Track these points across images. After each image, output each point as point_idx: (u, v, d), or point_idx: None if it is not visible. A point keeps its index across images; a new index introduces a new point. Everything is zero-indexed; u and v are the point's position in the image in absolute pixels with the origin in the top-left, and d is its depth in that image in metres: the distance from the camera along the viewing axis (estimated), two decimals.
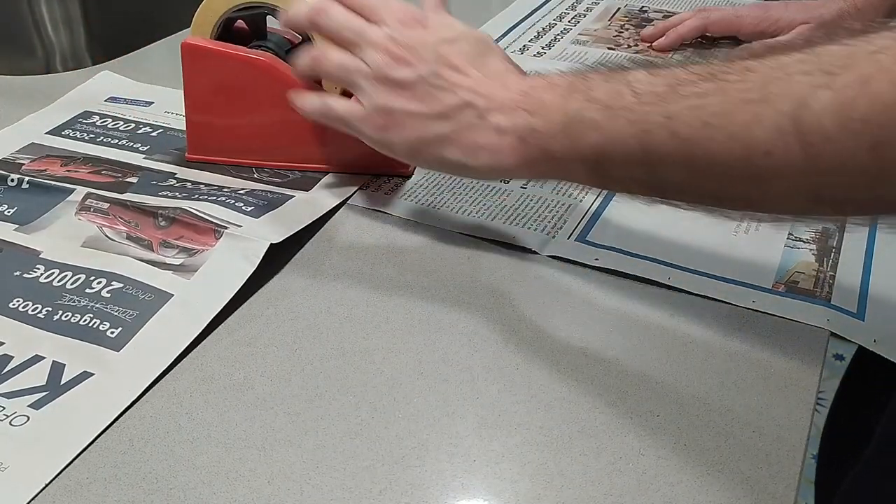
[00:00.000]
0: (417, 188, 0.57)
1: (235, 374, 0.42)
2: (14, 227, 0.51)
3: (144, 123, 0.65)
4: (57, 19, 0.74)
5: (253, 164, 0.58)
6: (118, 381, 0.41)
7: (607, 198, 0.56)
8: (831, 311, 0.46)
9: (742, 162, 0.35)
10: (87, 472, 0.36)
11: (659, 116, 0.38)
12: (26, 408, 0.39)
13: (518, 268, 0.49)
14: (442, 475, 0.36)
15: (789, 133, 0.33)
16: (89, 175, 0.57)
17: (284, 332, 0.45)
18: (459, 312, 0.46)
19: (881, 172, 0.32)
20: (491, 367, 0.42)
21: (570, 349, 0.43)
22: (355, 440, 0.38)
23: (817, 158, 0.33)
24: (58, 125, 0.65)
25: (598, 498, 0.35)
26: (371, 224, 0.53)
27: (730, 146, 0.36)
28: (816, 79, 0.33)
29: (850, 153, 0.32)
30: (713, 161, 0.36)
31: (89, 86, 0.72)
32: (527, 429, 0.39)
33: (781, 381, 0.41)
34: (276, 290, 0.48)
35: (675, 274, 0.48)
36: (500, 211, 0.54)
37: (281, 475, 0.36)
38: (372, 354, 0.43)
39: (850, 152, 0.32)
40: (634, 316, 0.46)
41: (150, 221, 0.51)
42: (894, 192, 0.33)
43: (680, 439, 0.38)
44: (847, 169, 0.32)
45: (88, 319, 0.44)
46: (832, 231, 0.53)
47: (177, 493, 0.35)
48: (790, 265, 0.49)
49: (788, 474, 0.36)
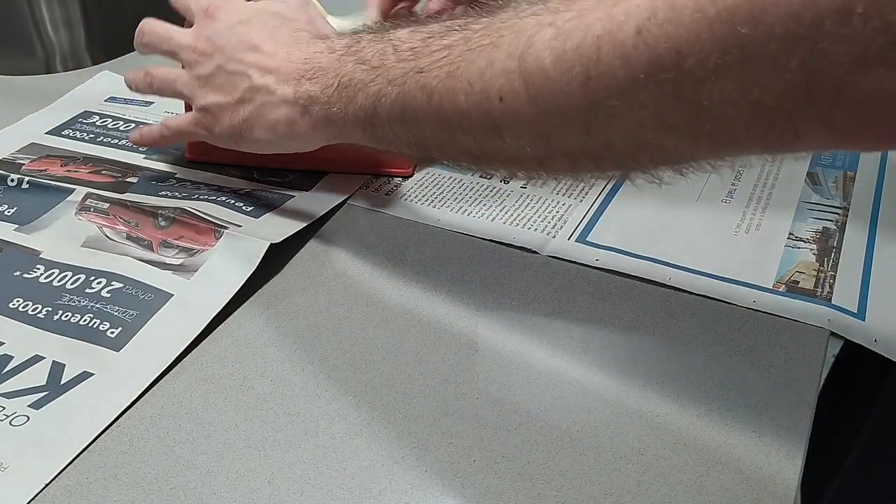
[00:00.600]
0: (417, 188, 0.57)
1: (235, 374, 0.42)
2: (14, 227, 0.51)
3: (144, 123, 0.65)
4: (57, 19, 0.74)
5: (253, 164, 0.58)
6: (118, 381, 0.41)
7: (607, 198, 0.56)
8: (832, 310, 0.46)
9: (481, 111, 0.35)
10: (87, 472, 0.36)
11: (413, 73, 0.38)
12: (26, 408, 0.39)
13: (518, 268, 0.49)
14: (442, 475, 0.36)
15: (515, 75, 0.33)
16: (89, 175, 0.57)
17: (284, 332, 0.45)
18: (459, 312, 0.46)
19: (593, 112, 0.31)
20: (491, 367, 0.42)
21: (570, 349, 0.43)
22: (355, 440, 0.38)
23: (539, 99, 0.33)
24: (58, 125, 0.65)
25: (598, 498, 0.35)
26: (371, 224, 0.53)
27: (470, 95, 0.35)
28: (544, 17, 0.32)
29: (566, 89, 0.31)
30: (459, 113, 0.36)
31: (89, 86, 0.72)
32: (527, 429, 0.39)
33: (781, 381, 0.41)
34: (276, 290, 0.48)
35: (675, 274, 0.48)
36: (501, 211, 0.54)
37: (281, 475, 0.36)
38: (372, 354, 0.43)
39: (565, 90, 0.31)
40: (634, 316, 0.46)
41: (150, 221, 0.51)
42: (616, 138, 0.32)
43: (680, 439, 0.38)
44: (564, 108, 0.32)
45: (88, 319, 0.44)
46: (833, 231, 0.53)
47: (177, 493, 0.35)
48: (790, 265, 0.49)
49: (788, 474, 0.36)
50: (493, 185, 0.57)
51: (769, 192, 0.57)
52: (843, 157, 0.62)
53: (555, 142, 0.34)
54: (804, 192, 0.57)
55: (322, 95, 0.44)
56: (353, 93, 0.42)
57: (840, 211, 0.55)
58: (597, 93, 0.31)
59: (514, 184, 0.57)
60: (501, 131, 0.35)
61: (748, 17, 0.26)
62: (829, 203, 0.56)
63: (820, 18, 0.25)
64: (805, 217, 0.54)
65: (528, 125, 0.34)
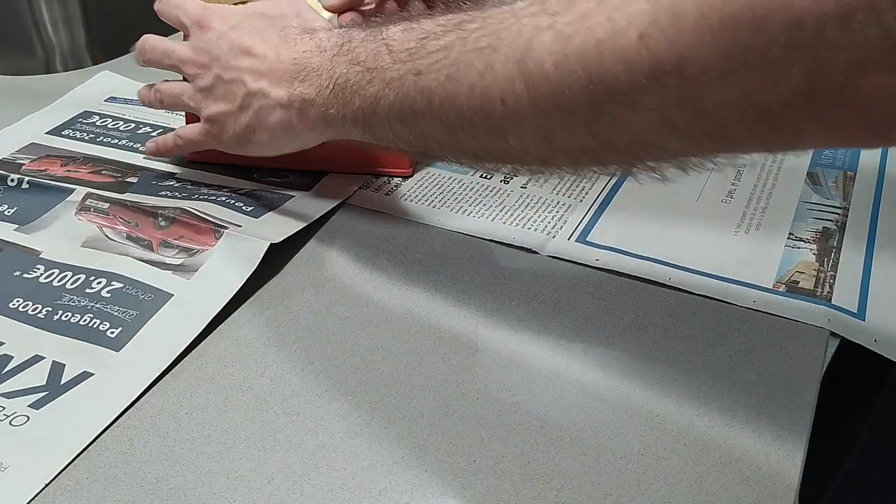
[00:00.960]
0: (417, 188, 0.57)
1: (235, 374, 0.42)
2: (14, 227, 0.51)
3: (144, 123, 0.65)
4: (56, 19, 0.74)
5: (252, 164, 0.58)
6: (118, 380, 0.41)
7: (607, 198, 0.56)
8: (832, 310, 0.46)
9: (483, 113, 0.35)
10: (87, 472, 0.36)
11: (410, 75, 0.38)
12: (26, 408, 0.39)
13: (518, 268, 0.49)
14: (442, 475, 0.36)
15: (517, 78, 0.33)
16: (89, 175, 0.57)
17: (284, 332, 0.45)
18: (459, 312, 0.46)
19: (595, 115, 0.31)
20: (491, 366, 0.42)
21: (570, 349, 0.43)
22: (355, 440, 0.38)
23: (540, 102, 0.33)
24: (58, 125, 0.65)
25: (598, 498, 0.35)
26: (371, 224, 0.53)
27: (471, 98, 0.35)
28: (542, 20, 0.32)
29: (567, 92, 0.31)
30: (461, 115, 0.36)
31: (89, 86, 0.72)
32: (527, 429, 0.39)
33: (781, 381, 0.41)
34: (276, 290, 0.48)
35: (675, 274, 0.48)
36: (501, 211, 0.54)
37: (281, 475, 0.36)
38: (372, 354, 0.43)
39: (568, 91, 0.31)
40: (634, 316, 0.46)
41: (150, 221, 0.51)
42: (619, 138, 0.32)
43: (680, 439, 0.38)
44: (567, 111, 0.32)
45: (88, 319, 0.44)
46: (833, 231, 0.53)
47: (177, 493, 0.35)
48: (790, 265, 0.49)
49: (788, 474, 0.36)
50: (492, 185, 0.57)
51: (769, 192, 0.57)
52: (843, 158, 0.62)
53: (557, 142, 0.34)
54: (804, 191, 0.57)
55: (318, 98, 0.44)
56: (350, 95, 0.42)
57: (840, 211, 0.55)
58: (599, 96, 0.31)
59: (514, 184, 0.57)
60: (504, 132, 0.35)
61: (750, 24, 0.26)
62: (829, 203, 0.56)
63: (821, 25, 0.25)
64: (805, 217, 0.54)
65: (530, 127, 0.34)
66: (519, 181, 0.57)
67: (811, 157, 0.62)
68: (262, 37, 0.47)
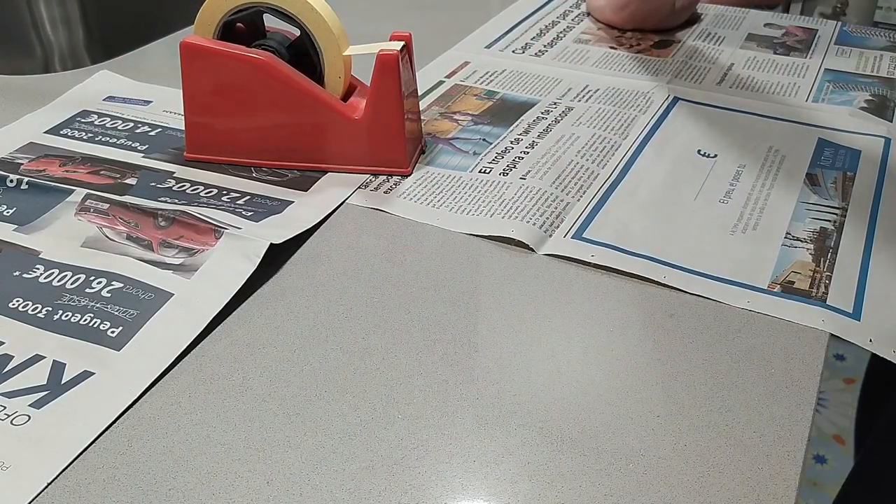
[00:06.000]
0: (417, 187, 0.57)
1: (235, 374, 0.42)
2: (13, 228, 0.51)
3: (143, 123, 0.65)
4: (55, 19, 0.74)
5: (252, 163, 0.58)
6: (118, 380, 0.41)
7: (605, 195, 0.56)
8: (827, 311, 0.46)
9: None
10: (86, 472, 0.36)
11: None
12: (27, 407, 0.39)
13: (517, 267, 0.49)
14: (441, 475, 0.36)
15: None
16: (88, 176, 0.57)
17: (284, 332, 0.45)
18: (459, 312, 0.46)
19: None
20: (490, 366, 0.42)
21: (569, 349, 0.43)
22: (355, 440, 0.38)
23: None
24: (56, 124, 0.64)
25: (598, 498, 0.35)
26: (370, 224, 0.54)
27: None
28: None
29: None
30: None
31: (88, 85, 0.71)
32: (527, 429, 0.39)
33: (781, 381, 0.41)
34: (275, 290, 0.48)
35: (670, 273, 0.48)
36: (499, 206, 0.54)
37: (281, 475, 0.36)
38: (372, 354, 0.43)
39: None
40: (634, 316, 0.46)
41: (150, 221, 0.51)
42: None
43: (680, 439, 0.38)
44: None
45: (89, 319, 0.44)
46: (830, 231, 0.53)
47: (176, 493, 0.35)
48: (786, 265, 0.49)
49: (788, 474, 0.36)
50: (491, 178, 0.57)
51: (767, 192, 0.57)
52: (843, 159, 0.62)
53: None
54: (803, 192, 0.57)
55: None
56: None
57: (838, 211, 0.55)
58: None
59: (512, 176, 0.57)
60: None
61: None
62: (827, 203, 0.56)
63: None
64: (803, 217, 0.54)
65: None
66: (518, 173, 0.57)
67: (811, 158, 0.62)
68: None
